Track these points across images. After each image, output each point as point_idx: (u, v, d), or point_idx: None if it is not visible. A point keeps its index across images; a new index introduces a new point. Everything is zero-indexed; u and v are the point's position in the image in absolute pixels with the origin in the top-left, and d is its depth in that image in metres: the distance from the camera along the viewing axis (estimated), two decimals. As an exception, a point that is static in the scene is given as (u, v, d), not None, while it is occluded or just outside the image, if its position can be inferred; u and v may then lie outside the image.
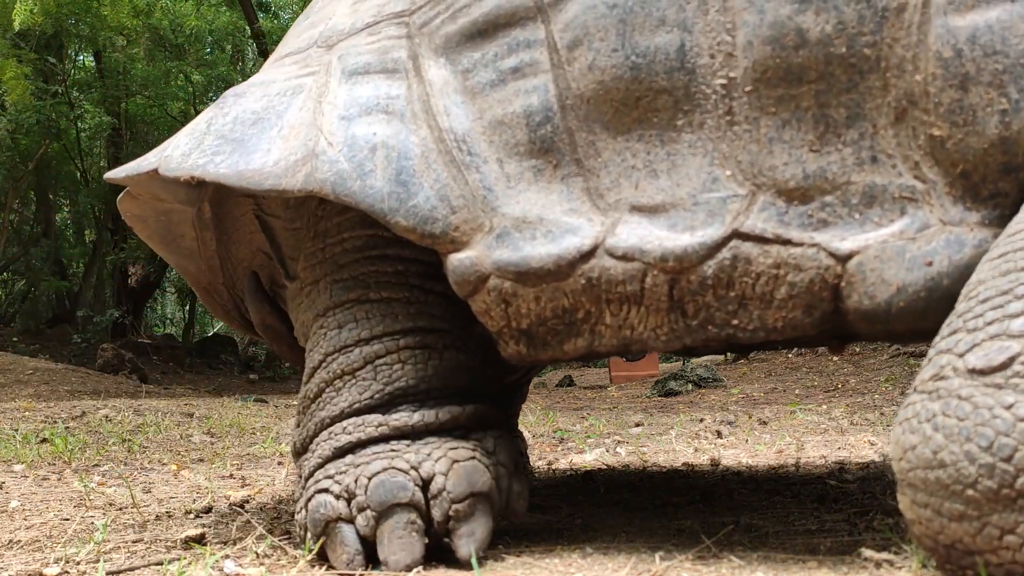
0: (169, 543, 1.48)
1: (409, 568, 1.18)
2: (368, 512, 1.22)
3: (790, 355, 9.78)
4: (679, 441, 3.59)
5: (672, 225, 1.18)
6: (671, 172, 1.19)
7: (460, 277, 1.26)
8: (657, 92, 1.18)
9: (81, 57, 14.22)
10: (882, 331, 1.12)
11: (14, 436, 3.53)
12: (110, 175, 1.60)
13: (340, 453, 1.31)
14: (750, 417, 4.98)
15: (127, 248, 12.22)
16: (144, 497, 2.11)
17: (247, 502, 1.95)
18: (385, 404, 1.33)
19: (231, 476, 2.55)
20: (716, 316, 1.18)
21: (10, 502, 2.03)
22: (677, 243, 1.16)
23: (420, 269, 1.41)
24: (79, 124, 12.65)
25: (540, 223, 1.23)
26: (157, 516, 1.79)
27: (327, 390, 1.37)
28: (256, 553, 1.34)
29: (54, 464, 2.84)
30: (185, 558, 1.35)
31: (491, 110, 1.28)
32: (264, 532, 1.49)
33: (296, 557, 1.31)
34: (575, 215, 1.22)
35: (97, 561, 1.36)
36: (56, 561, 1.36)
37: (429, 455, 1.26)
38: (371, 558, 1.23)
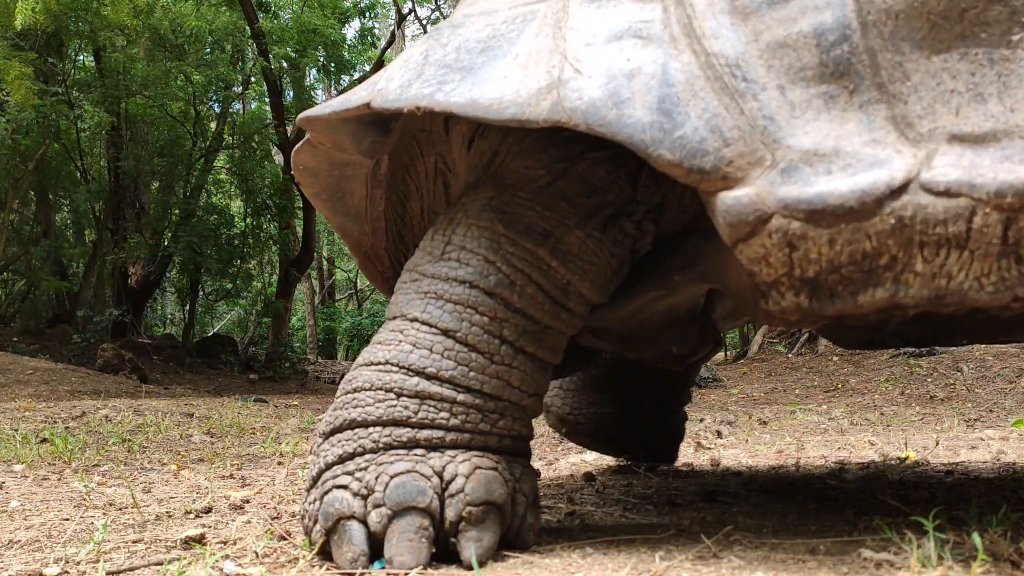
0: (169, 543, 1.48)
1: (419, 565, 1.18)
2: (383, 510, 1.21)
3: (790, 355, 9.77)
4: (679, 441, 3.59)
5: (1007, 156, 1.04)
6: (1003, 96, 1.06)
7: (735, 218, 1.13)
8: (989, 1, 1.05)
9: (81, 57, 14.21)
10: None
11: (14, 436, 3.53)
12: (308, 114, 1.50)
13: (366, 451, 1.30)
14: (750, 417, 4.97)
15: (127, 248, 12.21)
16: (144, 497, 2.11)
17: (247, 502, 1.95)
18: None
19: (231, 476, 2.55)
20: None
21: (10, 502, 2.03)
22: (1018, 176, 1.02)
23: None
24: (79, 124, 12.64)
25: (836, 156, 1.10)
26: (157, 516, 1.79)
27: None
28: (256, 553, 1.34)
29: (54, 464, 2.84)
30: (185, 558, 1.35)
31: (769, 31, 1.15)
32: (264, 532, 1.49)
33: (296, 557, 1.31)
34: (878, 146, 1.09)
35: (97, 561, 1.36)
36: (56, 561, 1.36)
37: (454, 458, 1.26)
38: (376, 556, 1.23)
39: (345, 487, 1.25)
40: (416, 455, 1.26)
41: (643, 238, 1.48)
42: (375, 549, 1.22)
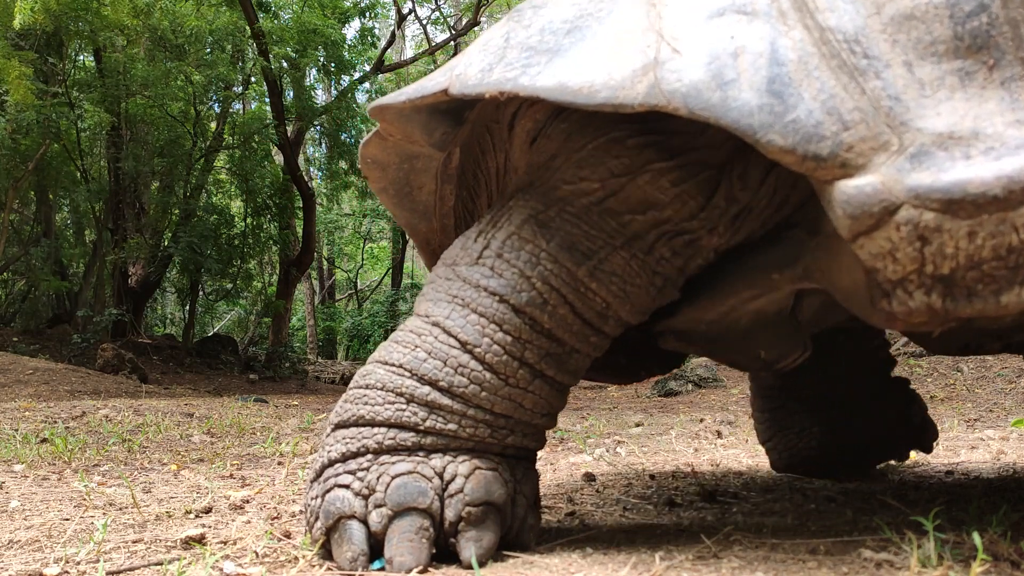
0: (169, 543, 1.48)
1: (419, 565, 1.18)
2: (384, 510, 1.21)
3: (790, 355, 9.74)
4: (679, 441, 3.59)
5: None
6: None
7: (857, 209, 1.04)
8: None
9: (81, 57, 14.21)
10: None
11: (14, 436, 3.53)
12: (381, 102, 1.42)
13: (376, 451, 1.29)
14: (750, 417, 4.97)
15: (127, 248, 12.21)
16: (144, 497, 2.11)
17: (247, 502, 1.95)
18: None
19: (231, 476, 2.55)
20: None
21: (10, 502, 2.03)
22: None
23: None
24: (79, 124, 12.64)
25: (975, 139, 1.01)
26: (157, 516, 1.79)
27: None
28: (256, 553, 1.34)
29: (54, 464, 2.84)
30: (185, 558, 1.35)
31: (893, 3, 1.07)
32: (264, 532, 1.49)
33: (296, 557, 1.31)
34: None
35: (97, 561, 1.36)
36: (56, 561, 1.36)
37: (455, 459, 1.26)
38: (376, 555, 1.23)
39: (347, 487, 1.25)
40: (418, 457, 1.25)
41: (700, 254, 1.39)
42: (375, 549, 1.22)
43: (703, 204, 1.35)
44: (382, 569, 1.20)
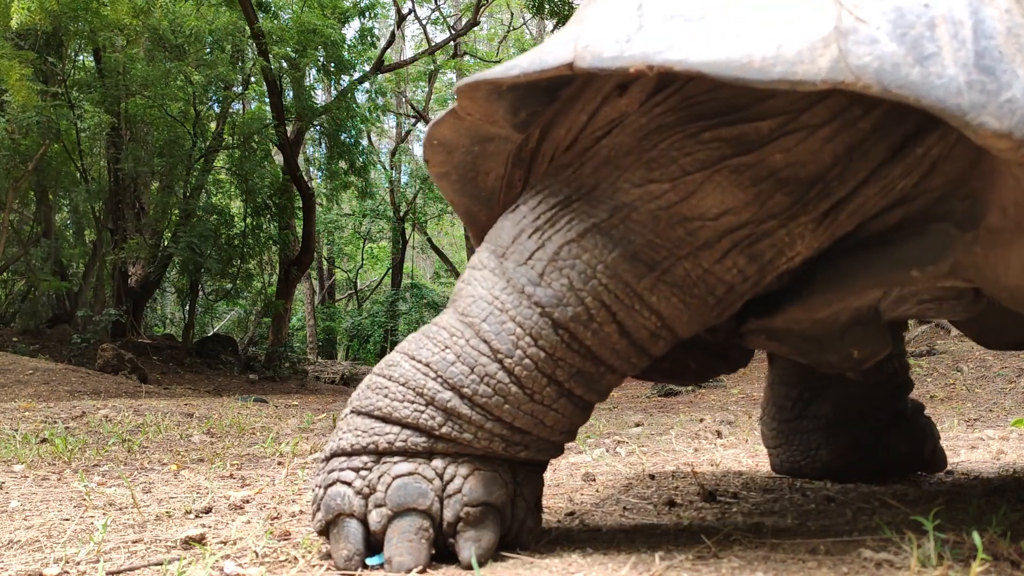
0: (169, 543, 1.48)
1: (418, 565, 1.18)
2: (383, 510, 1.21)
3: (790, 355, 9.75)
4: (679, 441, 3.59)
5: None
6: None
7: None
8: None
9: (81, 57, 14.22)
10: None
11: (14, 436, 3.53)
12: (482, 76, 1.26)
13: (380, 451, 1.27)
14: (750, 417, 4.97)
15: (127, 248, 12.21)
16: (144, 497, 2.11)
17: (247, 502, 1.95)
18: None
19: (231, 476, 2.55)
20: None
21: (10, 502, 2.03)
22: None
23: None
24: (79, 124, 12.65)
25: None
26: (157, 516, 1.79)
27: None
28: (256, 553, 1.34)
29: (54, 464, 2.84)
30: (185, 558, 1.35)
31: None
32: (264, 532, 1.49)
33: (296, 557, 1.31)
34: None
35: (97, 561, 1.36)
36: (56, 561, 1.36)
37: (455, 460, 1.25)
38: (374, 551, 1.23)
39: (348, 484, 1.24)
40: (420, 458, 1.25)
41: (782, 260, 1.27)
42: (374, 547, 1.22)
43: (787, 205, 1.23)
44: (381, 566, 1.20)
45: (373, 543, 1.23)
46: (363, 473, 1.25)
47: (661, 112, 1.25)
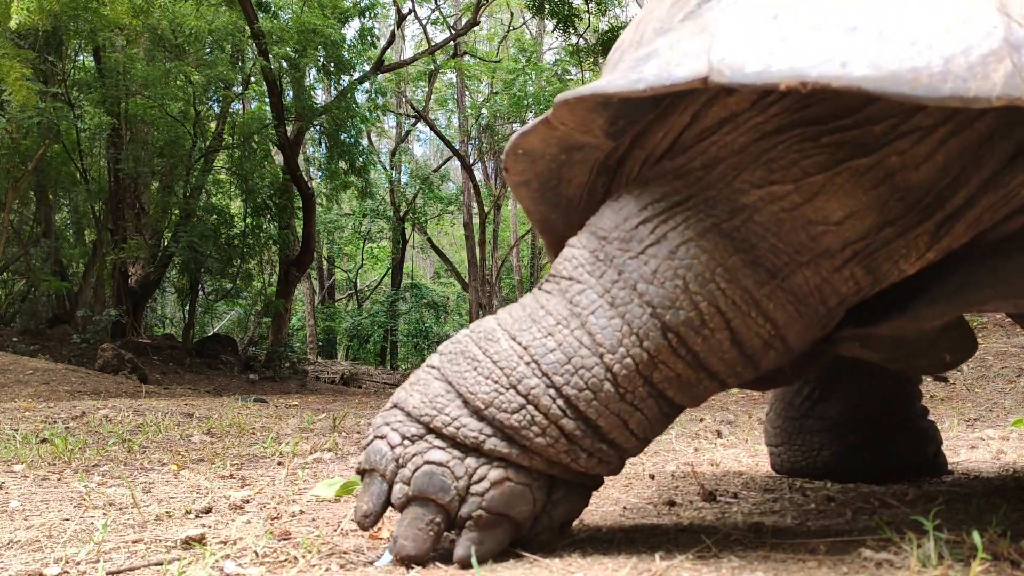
0: (169, 543, 1.48)
1: (411, 558, 1.18)
2: (406, 488, 1.20)
3: (790, 355, 9.75)
4: (679, 441, 3.59)
5: None
6: None
7: None
8: None
9: (81, 57, 14.22)
10: None
11: (14, 436, 3.53)
12: (604, 89, 1.18)
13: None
14: (750, 417, 4.97)
15: (127, 248, 12.22)
16: (144, 497, 2.11)
17: (247, 502, 1.95)
18: None
19: (231, 476, 2.55)
20: None
21: (10, 502, 2.03)
22: None
23: None
24: (79, 124, 12.65)
25: None
26: (157, 516, 1.79)
27: None
28: (256, 553, 1.34)
29: (54, 464, 2.84)
30: (185, 558, 1.35)
31: None
32: (264, 532, 1.49)
33: (296, 557, 1.31)
34: None
35: (97, 561, 1.36)
36: (56, 561, 1.36)
37: (489, 462, 1.21)
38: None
39: (391, 447, 1.22)
40: (458, 452, 1.20)
41: (896, 270, 1.23)
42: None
43: (903, 211, 1.19)
44: (385, 566, 1.20)
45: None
46: (405, 443, 1.22)
47: (777, 112, 1.22)
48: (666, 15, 1.34)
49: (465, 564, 1.18)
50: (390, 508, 1.24)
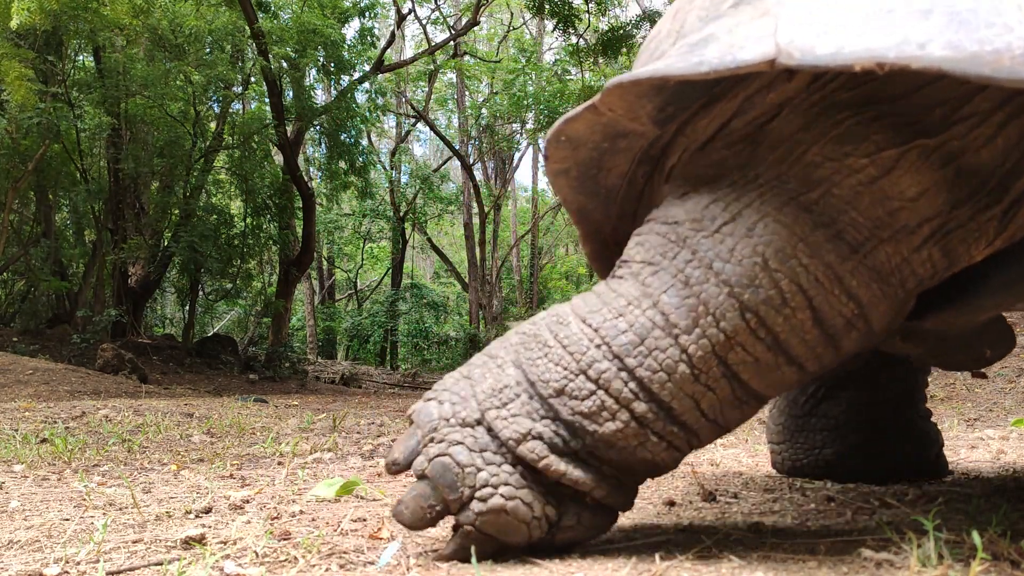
0: (169, 543, 1.48)
1: (404, 524, 1.20)
2: (425, 462, 1.19)
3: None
4: (679, 441, 3.59)
5: None
6: None
7: None
8: None
9: (81, 57, 14.22)
10: None
11: (14, 436, 3.53)
12: (671, 71, 1.14)
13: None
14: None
15: (127, 248, 12.22)
16: (144, 497, 2.11)
17: (247, 502, 1.95)
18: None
19: (231, 476, 2.55)
20: None
21: (10, 502, 2.03)
22: None
23: None
24: (79, 124, 12.66)
25: None
26: (157, 516, 1.79)
27: None
28: (256, 553, 1.34)
29: (54, 464, 2.84)
30: (185, 558, 1.35)
31: None
32: (264, 532, 1.49)
33: (296, 557, 1.31)
34: None
35: (97, 561, 1.36)
36: (56, 561, 1.36)
37: (506, 482, 1.16)
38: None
39: (435, 415, 1.21)
40: (490, 453, 1.17)
41: (967, 254, 1.21)
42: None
43: (970, 194, 1.17)
44: (387, 564, 1.21)
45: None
46: (451, 420, 1.19)
47: (834, 90, 1.20)
48: (711, 4, 1.32)
49: (450, 556, 1.21)
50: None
